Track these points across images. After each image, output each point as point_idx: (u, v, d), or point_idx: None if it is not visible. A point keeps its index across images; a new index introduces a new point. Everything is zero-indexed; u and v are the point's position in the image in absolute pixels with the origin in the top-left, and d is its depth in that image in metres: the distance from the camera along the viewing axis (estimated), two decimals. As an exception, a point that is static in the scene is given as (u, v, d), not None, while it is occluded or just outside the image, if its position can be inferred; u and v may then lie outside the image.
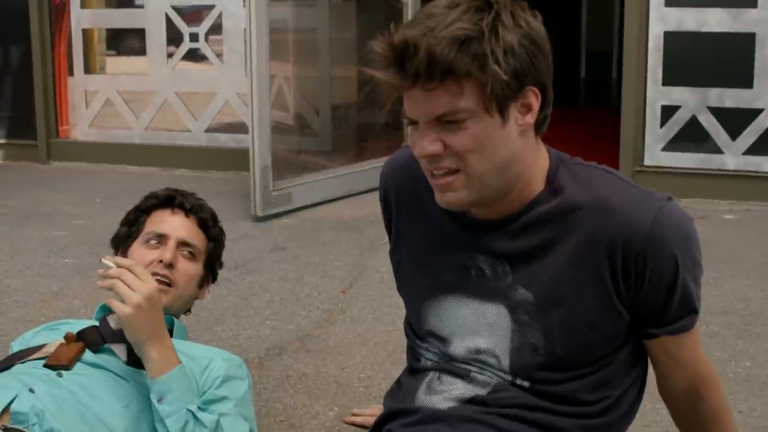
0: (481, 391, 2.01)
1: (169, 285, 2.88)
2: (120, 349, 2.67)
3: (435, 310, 2.09)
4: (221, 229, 3.15)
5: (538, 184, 1.96)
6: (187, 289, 2.97)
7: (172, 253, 2.92)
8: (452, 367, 2.06)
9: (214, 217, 3.11)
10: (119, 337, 2.68)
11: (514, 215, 1.97)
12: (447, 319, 2.06)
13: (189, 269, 2.96)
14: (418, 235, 2.12)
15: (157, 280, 2.80)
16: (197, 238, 3.02)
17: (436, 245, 2.08)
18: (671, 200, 1.95)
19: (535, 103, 1.87)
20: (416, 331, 2.16)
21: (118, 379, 2.59)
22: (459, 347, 2.05)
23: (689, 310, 1.99)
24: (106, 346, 2.68)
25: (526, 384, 1.99)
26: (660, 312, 1.96)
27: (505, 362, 2.00)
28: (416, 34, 1.78)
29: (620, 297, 1.94)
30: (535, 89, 1.86)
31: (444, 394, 2.05)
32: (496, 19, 1.79)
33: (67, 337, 2.67)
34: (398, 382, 2.22)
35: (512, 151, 1.88)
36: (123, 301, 2.47)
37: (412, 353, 2.19)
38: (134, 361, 2.63)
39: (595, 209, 1.92)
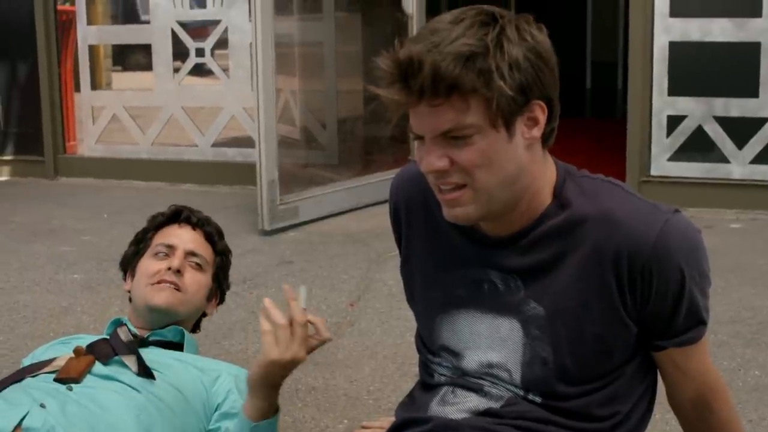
0: (495, 405, 2.01)
1: (178, 289, 2.91)
2: (131, 361, 2.68)
3: (448, 325, 2.08)
4: (228, 247, 3.17)
5: (546, 197, 1.96)
6: (195, 297, 2.98)
7: (180, 260, 2.95)
8: (465, 381, 2.05)
9: (219, 232, 3.14)
10: (130, 348, 2.70)
11: (524, 230, 1.96)
12: (461, 334, 2.06)
13: (197, 278, 2.99)
14: (428, 250, 2.12)
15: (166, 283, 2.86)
16: (205, 250, 3.05)
17: (448, 260, 2.07)
18: (678, 212, 1.94)
19: (542, 116, 1.86)
20: (428, 345, 2.15)
21: (129, 390, 2.59)
22: (471, 361, 2.04)
23: (697, 321, 1.98)
24: (116, 357, 2.69)
25: (538, 399, 1.99)
26: (667, 324, 1.95)
27: (517, 376, 1.99)
28: (421, 50, 1.78)
29: (627, 309, 1.93)
30: (541, 103, 1.85)
31: (458, 405, 2.04)
32: (500, 34, 1.79)
33: (77, 351, 2.68)
34: (411, 395, 2.22)
35: (519, 164, 1.87)
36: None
37: (425, 368, 2.18)
38: (145, 371, 2.64)
39: (601, 221, 1.91)
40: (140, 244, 3.13)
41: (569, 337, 1.95)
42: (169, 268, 2.93)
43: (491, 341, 2.01)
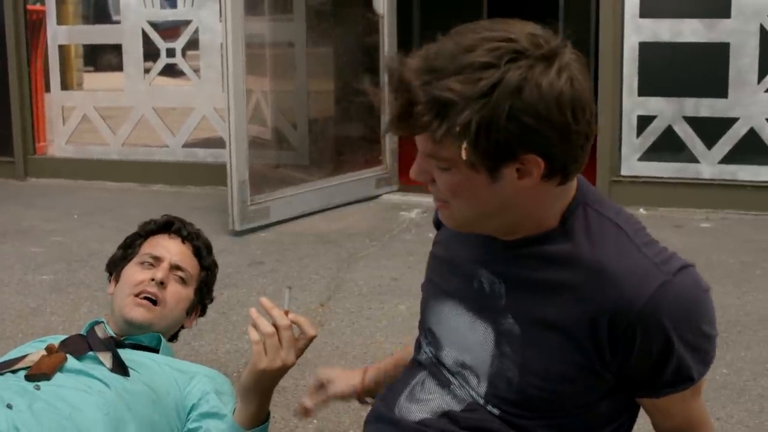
0: (456, 407, 1.99)
1: (155, 303, 2.91)
2: (105, 357, 2.68)
3: (437, 310, 2.07)
4: (215, 262, 3.17)
5: (551, 223, 1.85)
6: (174, 311, 2.98)
7: (165, 273, 2.95)
8: (439, 372, 2.04)
9: (208, 247, 3.15)
10: (107, 346, 2.69)
11: (525, 240, 1.88)
12: (444, 323, 2.04)
13: (179, 292, 2.99)
14: (449, 238, 2.11)
15: (144, 297, 2.84)
16: (191, 265, 3.05)
17: (456, 250, 2.05)
18: (683, 270, 1.81)
19: (536, 170, 1.72)
20: (422, 323, 2.15)
21: (100, 385, 2.59)
22: (448, 357, 2.03)
23: (685, 378, 1.86)
24: (90, 353, 2.69)
25: (495, 412, 1.94)
26: (649, 379, 1.86)
27: (483, 385, 1.95)
28: (410, 76, 1.69)
29: (604, 363, 1.83)
30: (536, 157, 1.70)
31: (421, 404, 2.03)
32: (497, 84, 1.65)
33: (49, 348, 2.67)
34: (402, 373, 2.20)
35: (505, 202, 1.78)
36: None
37: (417, 344, 2.17)
38: (119, 368, 2.64)
39: (594, 272, 1.80)
40: (128, 249, 3.13)
41: (537, 369, 1.87)
42: (153, 279, 2.93)
43: (466, 341, 1.98)
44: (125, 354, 2.74)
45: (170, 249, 3.04)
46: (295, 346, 2.31)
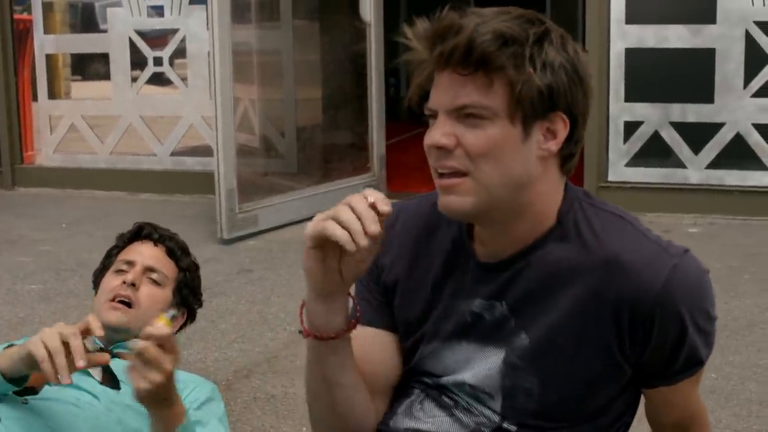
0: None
1: (129, 306, 2.90)
2: (95, 370, 2.68)
3: (433, 355, 1.98)
4: (195, 263, 3.15)
5: (548, 222, 1.85)
6: (148, 312, 2.96)
7: (136, 275, 2.94)
8: (438, 395, 1.98)
9: (183, 249, 3.13)
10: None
11: (518, 254, 1.86)
12: (446, 363, 1.97)
13: (153, 293, 2.97)
14: (414, 277, 2.00)
15: (119, 301, 2.84)
16: (165, 266, 3.04)
17: (437, 292, 1.97)
18: (687, 253, 1.85)
19: (562, 130, 1.78)
20: (409, 366, 2.04)
21: (89, 397, 2.59)
22: (451, 380, 1.96)
23: (695, 363, 1.88)
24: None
25: (513, 428, 1.91)
26: (664, 367, 1.87)
27: (497, 402, 1.92)
28: (463, 20, 1.73)
29: (624, 354, 1.84)
30: (564, 116, 1.78)
31: (420, 422, 1.97)
32: (544, 33, 1.76)
33: (38, 359, 2.67)
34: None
35: (528, 171, 1.78)
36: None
37: (402, 380, 2.06)
38: (110, 380, 2.64)
39: (605, 265, 1.81)
40: (107, 260, 3.13)
41: (558, 375, 1.86)
42: (124, 282, 2.92)
43: (476, 368, 1.93)
44: (118, 365, 2.74)
45: (142, 252, 3.04)
46: (162, 361, 2.17)
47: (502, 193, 1.78)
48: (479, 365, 1.92)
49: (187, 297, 3.13)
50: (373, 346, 2.02)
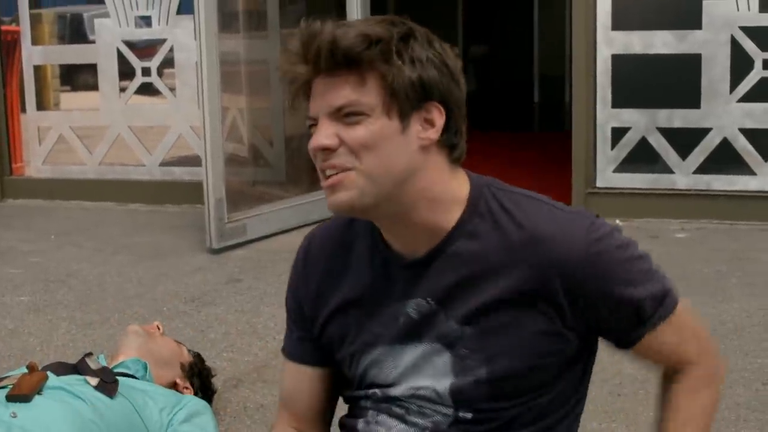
0: None
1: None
2: (93, 380, 2.69)
3: (373, 364, 2.01)
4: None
5: (456, 211, 1.90)
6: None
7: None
8: (390, 407, 2.00)
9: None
10: (97, 374, 2.72)
11: (438, 248, 1.90)
12: (387, 370, 1.99)
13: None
14: (339, 295, 2.05)
15: None
16: None
17: (365, 300, 2.00)
18: (597, 216, 1.92)
19: (439, 119, 1.84)
20: (353, 380, 2.08)
21: (80, 402, 2.59)
22: (400, 388, 1.98)
23: (657, 302, 1.91)
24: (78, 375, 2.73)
25: (469, 416, 1.94)
26: (627, 321, 1.91)
27: (446, 396, 1.94)
28: (326, 25, 1.80)
29: (566, 325, 1.88)
30: (440, 106, 1.84)
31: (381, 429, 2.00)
32: (408, 32, 1.82)
33: (30, 367, 2.68)
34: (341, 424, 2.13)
35: (411, 162, 1.83)
36: None
37: (351, 401, 2.11)
38: (103, 387, 2.65)
39: (526, 241, 1.86)
40: None
41: (501, 354, 1.89)
42: None
43: (419, 368, 1.95)
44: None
45: None
46: None
47: (387, 184, 1.83)
48: (426, 367, 1.95)
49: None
50: (298, 380, 2.16)
